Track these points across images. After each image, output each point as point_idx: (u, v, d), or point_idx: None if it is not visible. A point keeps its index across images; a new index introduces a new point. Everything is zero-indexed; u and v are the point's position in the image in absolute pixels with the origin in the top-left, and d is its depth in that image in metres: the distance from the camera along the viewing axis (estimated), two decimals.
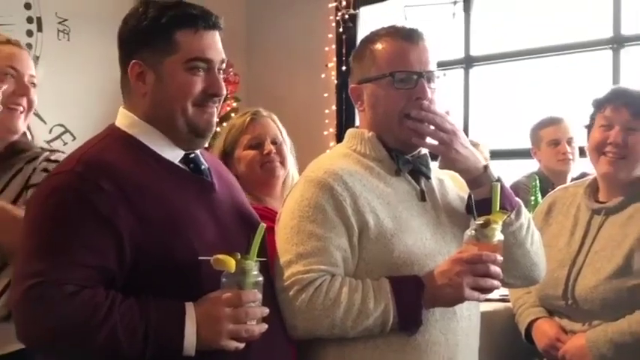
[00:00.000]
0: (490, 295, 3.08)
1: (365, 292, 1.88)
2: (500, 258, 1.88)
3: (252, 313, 1.69)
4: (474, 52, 5.57)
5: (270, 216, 2.32)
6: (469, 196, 2.04)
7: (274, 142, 2.85)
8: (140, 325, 1.62)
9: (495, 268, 1.87)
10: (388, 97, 2.00)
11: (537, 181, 3.46)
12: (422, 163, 2.06)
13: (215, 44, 1.84)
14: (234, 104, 6.14)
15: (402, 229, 1.95)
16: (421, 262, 1.95)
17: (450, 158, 1.98)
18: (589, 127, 2.72)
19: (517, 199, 2.07)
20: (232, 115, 6.09)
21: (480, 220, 1.89)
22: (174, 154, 1.82)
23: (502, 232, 1.93)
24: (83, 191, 1.66)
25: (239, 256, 1.67)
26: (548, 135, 4.09)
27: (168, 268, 1.69)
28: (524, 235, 2.06)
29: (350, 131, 2.13)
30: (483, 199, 1.98)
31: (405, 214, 1.98)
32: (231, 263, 1.65)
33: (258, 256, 1.72)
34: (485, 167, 2.01)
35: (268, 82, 6.45)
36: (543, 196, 3.43)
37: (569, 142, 4.05)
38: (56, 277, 1.61)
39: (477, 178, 2.00)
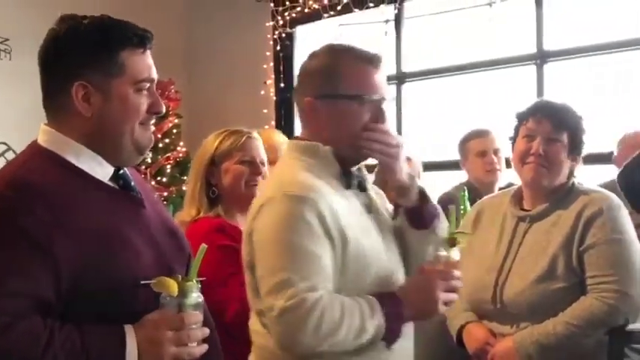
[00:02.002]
0: None
1: (362, 310, 1.88)
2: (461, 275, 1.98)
3: (194, 335, 1.63)
4: (405, 69, 5.64)
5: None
6: (396, 206, 2.10)
7: (262, 165, 2.90)
8: (81, 354, 1.55)
9: (459, 284, 1.97)
10: (354, 116, 1.99)
11: (466, 192, 3.51)
12: (363, 177, 2.09)
13: (152, 64, 1.79)
14: (176, 121, 6.12)
15: (370, 241, 1.97)
16: (387, 272, 1.99)
17: (394, 169, 2.03)
18: (513, 139, 2.77)
19: (437, 206, 2.15)
20: (174, 131, 6.09)
21: (447, 240, 1.97)
22: (103, 173, 1.75)
23: (429, 236, 2.06)
24: (14, 216, 1.57)
25: (180, 278, 1.62)
26: (476, 146, 4.14)
27: (106, 290, 1.62)
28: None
29: (298, 144, 2.09)
30: (412, 208, 2.07)
31: (367, 227, 2.00)
32: (173, 287, 1.59)
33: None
34: (413, 177, 2.09)
35: (209, 99, 6.43)
36: (472, 205, 3.49)
37: (496, 152, 4.10)
38: None
39: (408, 189, 2.06)
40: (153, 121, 1.80)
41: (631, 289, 2.51)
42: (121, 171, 1.80)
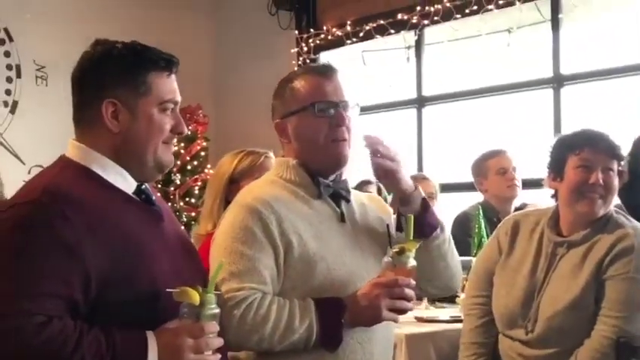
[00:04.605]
0: (441, 316, 3.16)
1: (291, 310, 1.96)
2: (413, 282, 1.99)
3: (211, 343, 1.69)
4: (425, 93, 5.69)
5: None
6: (398, 215, 2.14)
7: None
8: (106, 356, 1.60)
9: (409, 291, 1.98)
10: (311, 126, 2.09)
11: (480, 211, 3.55)
12: (342, 187, 2.15)
13: (177, 87, 1.87)
14: (204, 144, 6.20)
15: (324, 249, 2.04)
16: (342, 279, 2.04)
17: (397, 178, 2.09)
18: (555, 167, 2.70)
19: (439, 218, 2.18)
20: (202, 153, 6.17)
21: (396, 248, 1.98)
22: (128, 186, 1.82)
23: (428, 246, 2.09)
24: (50, 221, 1.63)
25: (200, 289, 1.67)
26: (496, 164, 4.16)
27: (128, 297, 1.68)
28: (447, 249, 2.17)
29: (277, 160, 2.25)
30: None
31: (326, 234, 2.07)
32: (195, 297, 1.65)
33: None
34: (416, 186, 2.14)
35: (235, 123, 6.51)
36: (489, 225, 3.51)
37: (514, 170, 4.14)
38: (26, 307, 1.57)
39: (410, 197, 2.11)
40: (175, 141, 1.88)
41: (631, 327, 2.50)
42: (144, 186, 1.87)
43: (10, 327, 1.56)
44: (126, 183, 1.82)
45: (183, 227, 6.20)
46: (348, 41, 5.77)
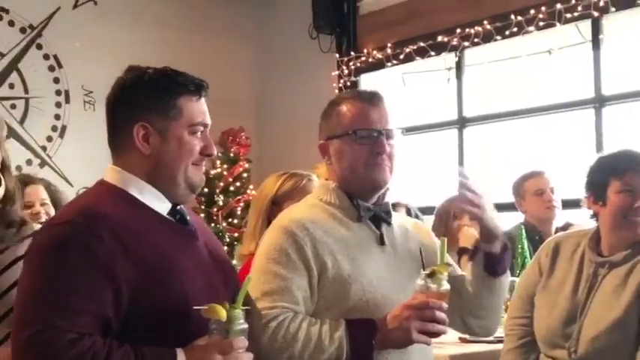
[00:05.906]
0: (487, 337, 3.13)
1: (322, 329, 1.97)
2: (445, 305, 1.96)
3: (241, 359, 1.69)
4: (466, 114, 5.66)
5: None
6: (477, 250, 2.15)
7: None
8: None
9: (441, 314, 1.95)
10: (352, 152, 2.11)
11: (523, 231, 3.51)
12: (383, 210, 2.15)
13: (206, 110, 1.90)
14: (246, 165, 6.24)
15: (359, 270, 2.05)
16: (377, 301, 2.04)
17: (484, 218, 2.10)
18: (596, 190, 2.65)
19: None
20: (244, 175, 6.21)
21: (428, 271, 1.96)
22: (163, 207, 1.85)
23: (495, 284, 2.09)
24: (84, 240, 1.67)
25: (228, 306, 1.68)
26: (533, 186, 4.14)
27: (161, 314, 1.70)
28: (505, 293, 2.20)
29: (319, 182, 2.28)
30: (492, 253, 2.11)
31: (362, 257, 2.07)
32: (222, 313, 1.66)
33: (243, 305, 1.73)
34: (501, 228, 2.14)
35: (277, 145, 6.55)
36: (531, 244, 3.47)
37: (552, 191, 4.11)
38: (59, 324, 1.60)
39: (495, 236, 2.12)
40: (204, 162, 1.90)
41: None
42: (179, 207, 1.89)
43: (42, 342, 1.59)
44: (161, 204, 1.85)
45: (226, 247, 6.25)
46: (389, 64, 5.79)
